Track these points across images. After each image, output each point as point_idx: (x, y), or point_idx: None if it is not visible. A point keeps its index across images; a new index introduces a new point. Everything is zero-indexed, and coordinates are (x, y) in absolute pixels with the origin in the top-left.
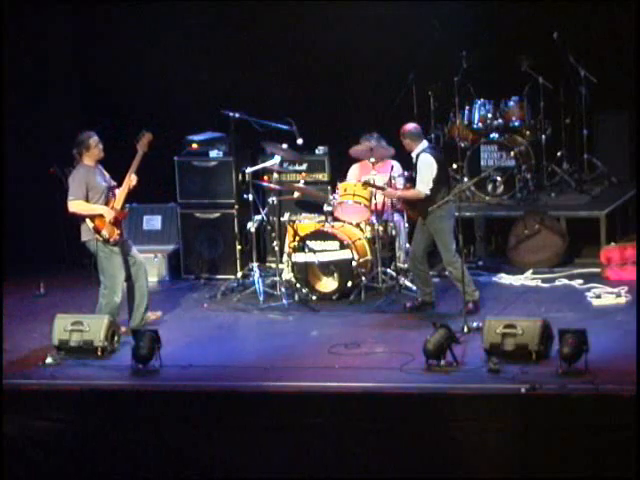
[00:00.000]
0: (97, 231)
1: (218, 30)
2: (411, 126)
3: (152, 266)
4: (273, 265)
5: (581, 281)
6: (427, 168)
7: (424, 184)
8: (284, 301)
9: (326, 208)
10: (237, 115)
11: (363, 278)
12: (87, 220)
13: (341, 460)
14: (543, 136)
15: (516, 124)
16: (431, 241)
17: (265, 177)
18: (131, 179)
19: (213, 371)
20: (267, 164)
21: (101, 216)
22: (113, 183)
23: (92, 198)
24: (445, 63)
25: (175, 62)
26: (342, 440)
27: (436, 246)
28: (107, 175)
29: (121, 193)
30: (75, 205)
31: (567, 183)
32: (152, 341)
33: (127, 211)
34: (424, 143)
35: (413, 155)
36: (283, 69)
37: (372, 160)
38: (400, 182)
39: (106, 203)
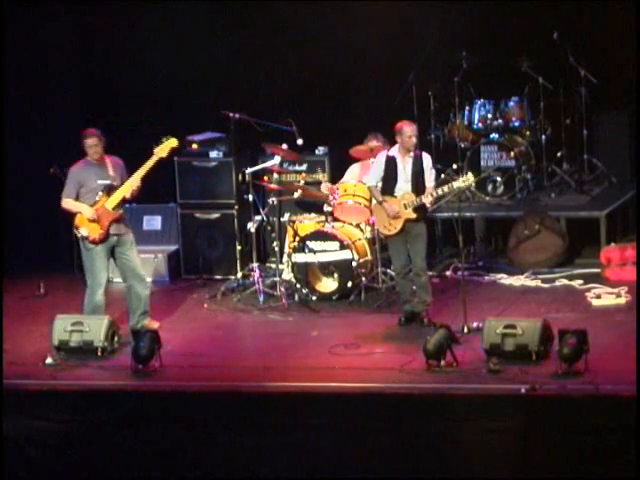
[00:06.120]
0: (76, 228)
1: (218, 30)
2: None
3: (152, 266)
4: (273, 265)
5: (581, 281)
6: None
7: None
8: (284, 301)
9: (326, 208)
10: (237, 115)
11: (363, 278)
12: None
13: (341, 460)
14: (543, 136)
15: (516, 124)
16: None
17: (265, 177)
18: (133, 182)
19: (213, 371)
20: (267, 164)
21: (82, 214)
22: (116, 183)
23: (83, 195)
24: (445, 63)
25: (175, 62)
26: (342, 440)
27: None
28: (112, 173)
29: (117, 193)
30: (64, 203)
31: (567, 183)
32: (152, 341)
33: (121, 213)
34: None
35: (413, 154)
36: (283, 69)
37: (372, 160)
38: None
39: (96, 201)
